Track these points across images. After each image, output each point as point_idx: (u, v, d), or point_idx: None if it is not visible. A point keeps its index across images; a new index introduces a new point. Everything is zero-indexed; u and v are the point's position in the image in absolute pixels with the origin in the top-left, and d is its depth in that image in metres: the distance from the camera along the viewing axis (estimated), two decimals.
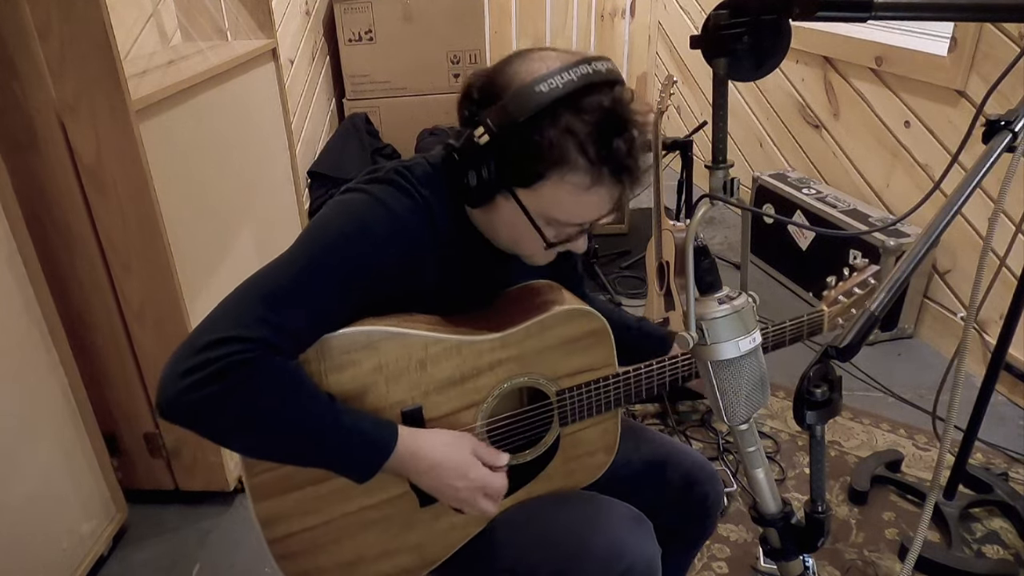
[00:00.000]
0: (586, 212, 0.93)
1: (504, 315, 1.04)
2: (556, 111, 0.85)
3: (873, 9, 0.76)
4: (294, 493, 0.96)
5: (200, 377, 0.79)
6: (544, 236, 0.95)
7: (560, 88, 0.85)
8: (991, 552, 1.66)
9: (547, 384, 1.04)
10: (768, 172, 3.04)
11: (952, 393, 1.05)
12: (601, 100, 0.86)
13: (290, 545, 0.98)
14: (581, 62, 0.87)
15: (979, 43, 2.14)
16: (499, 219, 0.96)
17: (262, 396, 0.83)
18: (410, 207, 0.94)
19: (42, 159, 1.46)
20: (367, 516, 1.00)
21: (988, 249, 1.13)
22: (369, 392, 0.94)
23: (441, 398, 0.98)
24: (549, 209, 0.92)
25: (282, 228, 2.27)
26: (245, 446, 0.89)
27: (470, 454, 0.96)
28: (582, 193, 0.90)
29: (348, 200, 0.95)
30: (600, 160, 0.87)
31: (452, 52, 3.67)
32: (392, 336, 0.94)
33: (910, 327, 2.52)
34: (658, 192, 2.09)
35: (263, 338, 0.82)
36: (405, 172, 0.97)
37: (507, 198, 0.92)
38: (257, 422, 0.84)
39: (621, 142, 0.87)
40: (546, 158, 0.87)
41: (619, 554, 0.98)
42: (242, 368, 0.81)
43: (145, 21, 2.11)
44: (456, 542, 1.06)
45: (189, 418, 0.82)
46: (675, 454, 1.19)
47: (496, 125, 0.87)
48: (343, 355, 0.92)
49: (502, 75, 0.90)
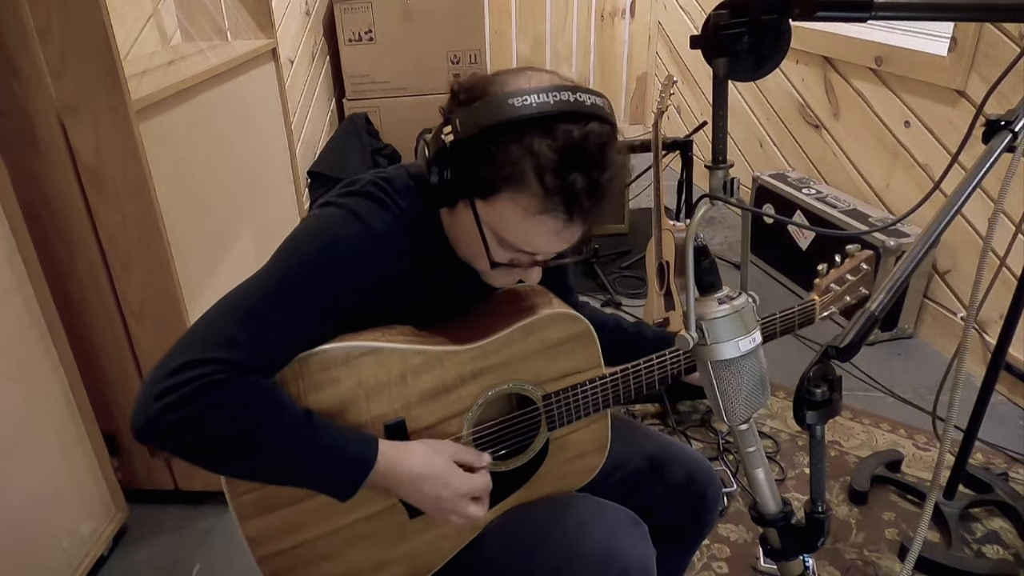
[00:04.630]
0: (533, 239, 0.91)
1: (486, 322, 1.02)
2: (524, 129, 0.84)
3: (873, 9, 0.76)
4: (278, 512, 0.95)
5: (171, 400, 0.79)
6: (489, 252, 0.92)
7: (533, 107, 0.83)
8: (991, 552, 1.66)
9: (532, 389, 1.03)
10: (768, 172, 3.04)
11: (952, 393, 1.05)
12: (572, 130, 0.84)
13: (280, 563, 0.98)
14: (566, 89, 0.85)
15: (979, 43, 2.14)
16: (459, 227, 0.95)
17: (235, 416, 0.82)
18: (387, 220, 0.93)
19: (42, 159, 1.46)
20: (356, 531, 0.99)
21: (988, 249, 1.13)
22: (350, 408, 0.93)
23: (424, 410, 0.97)
24: (499, 226, 0.90)
25: (282, 228, 2.25)
26: (221, 467, 0.88)
27: (449, 461, 0.95)
28: (529, 217, 0.87)
29: (323, 215, 0.94)
30: (553, 189, 0.85)
31: (452, 52, 3.67)
32: (371, 351, 0.93)
33: (910, 327, 2.52)
34: (658, 192, 2.09)
35: (234, 359, 0.82)
36: (383, 184, 0.96)
37: (466, 206, 0.91)
38: (231, 443, 0.84)
39: (580, 178, 0.84)
40: (501, 172, 0.85)
41: (614, 556, 0.98)
42: (213, 389, 0.80)
43: (145, 21, 2.11)
44: (449, 551, 1.05)
45: (162, 440, 0.82)
46: (674, 453, 1.19)
47: (462, 126, 0.86)
48: (322, 373, 0.91)
49: (491, 83, 0.89)
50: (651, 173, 2.13)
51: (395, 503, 0.99)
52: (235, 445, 0.84)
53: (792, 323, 1.19)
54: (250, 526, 0.95)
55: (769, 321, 1.17)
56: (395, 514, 1.00)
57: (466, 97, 0.89)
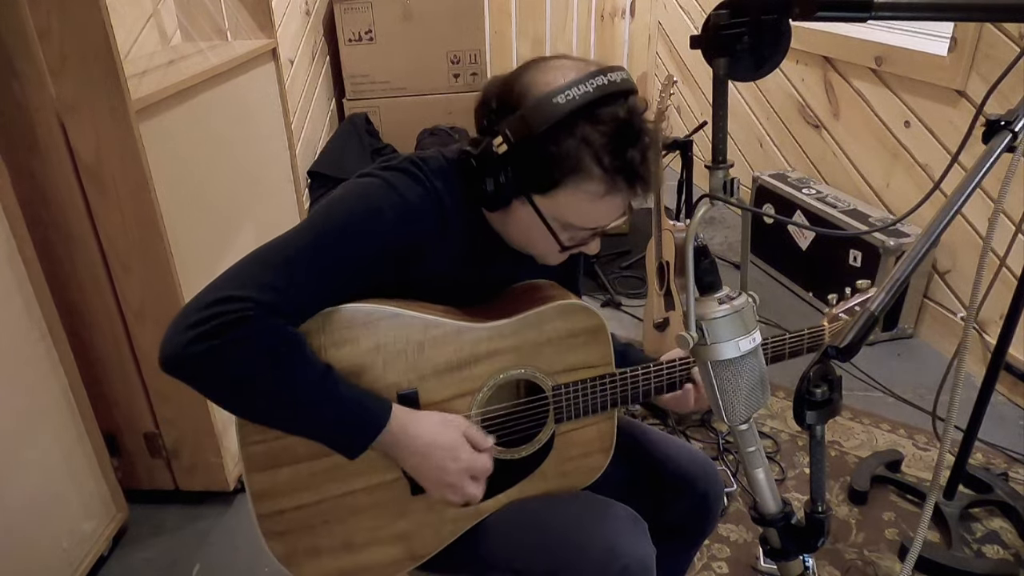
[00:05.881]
0: (600, 217, 0.97)
1: (504, 307, 1.05)
2: (573, 122, 0.88)
3: (873, 9, 0.76)
4: (287, 468, 0.97)
5: (201, 331, 0.82)
6: (559, 240, 0.98)
7: (577, 100, 0.87)
8: (991, 552, 1.66)
9: (543, 378, 1.04)
10: (768, 172, 3.04)
11: (952, 393, 1.05)
12: (616, 111, 0.89)
13: (280, 523, 0.99)
14: (597, 73, 0.89)
15: (979, 43, 2.14)
16: (514, 222, 0.99)
17: (259, 354, 0.85)
18: (421, 195, 0.96)
19: (42, 159, 1.46)
20: (358, 500, 1.00)
21: (988, 249, 1.13)
22: (366, 372, 0.95)
23: (437, 384, 0.99)
24: (564, 215, 0.95)
25: (282, 228, 2.24)
26: (237, 405, 0.91)
27: (460, 435, 0.97)
28: (597, 200, 0.93)
29: (362, 183, 0.97)
30: (615, 169, 0.90)
31: (452, 52, 3.67)
32: (392, 316, 0.95)
33: (910, 327, 2.52)
34: (658, 192, 2.08)
35: (266, 300, 0.85)
36: (419, 163, 0.99)
37: (523, 203, 0.95)
38: (250, 380, 0.86)
39: (635, 152, 0.90)
40: (563, 167, 0.90)
41: (614, 555, 0.98)
42: (242, 325, 0.83)
43: (145, 21, 2.11)
44: (447, 536, 1.05)
45: (188, 371, 0.85)
46: (675, 452, 1.19)
47: (514, 135, 0.90)
48: (343, 330, 0.93)
49: (519, 84, 0.92)
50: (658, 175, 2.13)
51: (399, 476, 1.00)
52: (253, 383, 0.86)
53: (801, 347, 1.20)
54: (256, 480, 0.97)
55: (778, 342, 1.18)
56: (398, 487, 1.01)
57: (499, 104, 0.93)
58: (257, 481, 0.97)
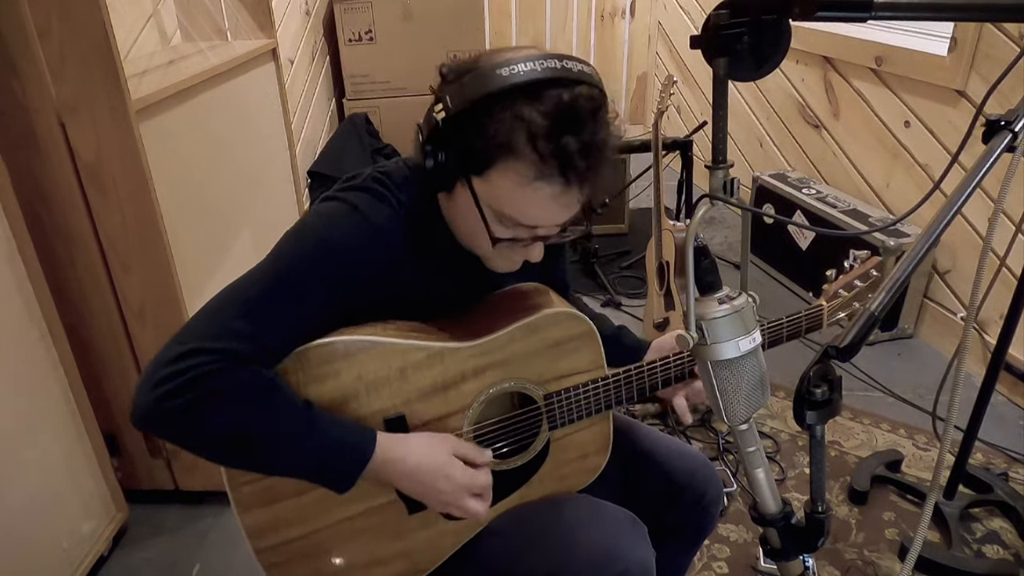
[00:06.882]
0: (532, 209, 0.90)
1: (489, 319, 1.02)
2: (512, 97, 0.84)
3: (873, 9, 0.76)
4: (278, 504, 0.95)
5: (170, 388, 0.80)
6: (489, 227, 0.91)
7: (521, 76, 0.84)
8: (991, 552, 1.66)
9: (534, 388, 1.03)
10: (768, 172, 3.04)
11: (952, 393, 1.05)
12: (561, 95, 0.84)
13: (278, 554, 0.98)
14: (552, 57, 0.86)
15: (979, 43, 2.14)
16: (458, 210, 0.95)
17: (233, 406, 0.83)
18: (388, 215, 0.94)
19: (42, 159, 1.46)
20: (355, 525, 0.99)
21: (988, 249, 1.13)
22: (350, 402, 0.94)
23: (425, 405, 0.98)
24: (497, 200, 0.90)
25: (282, 228, 2.24)
26: (219, 456, 0.89)
27: (449, 455, 0.95)
28: (526, 185, 0.87)
29: (324, 209, 0.95)
30: (548, 153, 0.85)
31: (452, 52, 3.67)
32: (371, 345, 0.93)
33: (910, 327, 2.52)
34: (658, 192, 2.09)
35: (234, 349, 0.83)
36: (382, 178, 0.97)
37: (463, 186, 0.91)
38: (229, 432, 0.84)
39: (572, 140, 0.84)
40: (494, 143, 0.86)
41: (613, 557, 0.98)
42: (212, 378, 0.81)
43: (145, 21, 2.11)
44: (448, 548, 1.05)
45: (161, 428, 0.83)
46: (674, 452, 1.19)
47: (452, 102, 0.87)
48: (322, 366, 0.91)
49: (478, 59, 0.89)
50: (651, 173, 2.13)
51: (394, 499, 0.99)
52: (233, 435, 0.84)
53: (799, 328, 1.17)
54: (250, 517, 0.95)
55: (776, 326, 1.16)
56: (394, 509, 1.00)
57: (454, 76, 0.89)
58: (251, 519, 0.96)
